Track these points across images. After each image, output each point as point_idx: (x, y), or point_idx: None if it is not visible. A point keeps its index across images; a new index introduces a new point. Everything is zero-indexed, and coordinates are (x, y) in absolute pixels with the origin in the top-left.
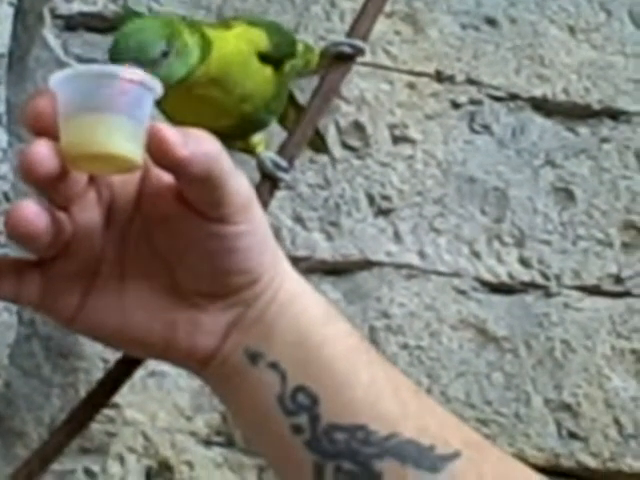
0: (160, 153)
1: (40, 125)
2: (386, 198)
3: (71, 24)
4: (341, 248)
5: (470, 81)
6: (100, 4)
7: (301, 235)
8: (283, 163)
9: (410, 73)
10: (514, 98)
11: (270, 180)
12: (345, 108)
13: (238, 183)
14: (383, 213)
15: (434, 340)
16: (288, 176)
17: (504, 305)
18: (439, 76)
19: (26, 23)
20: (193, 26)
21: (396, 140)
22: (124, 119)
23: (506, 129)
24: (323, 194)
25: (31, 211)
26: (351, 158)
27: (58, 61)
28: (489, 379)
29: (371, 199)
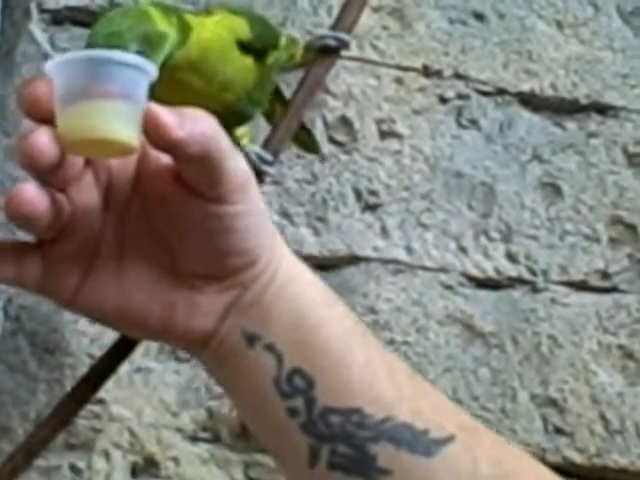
0: (156, 136)
1: (37, 110)
2: (373, 193)
3: (58, 18)
4: (328, 243)
5: (457, 76)
6: None
7: (288, 230)
8: (268, 157)
9: (397, 68)
10: (502, 93)
11: (255, 174)
12: (332, 103)
13: (236, 163)
14: (370, 208)
15: (421, 335)
16: (273, 169)
17: (491, 300)
18: (426, 71)
19: (13, 18)
20: (169, 10)
21: (383, 135)
22: (120, 103)
23: (493, 124)
24: (310, 189)
25: (32, 193)
26: (338, 153)
27: (45, 55)
28: (476, 374)
29: (358, 194)
